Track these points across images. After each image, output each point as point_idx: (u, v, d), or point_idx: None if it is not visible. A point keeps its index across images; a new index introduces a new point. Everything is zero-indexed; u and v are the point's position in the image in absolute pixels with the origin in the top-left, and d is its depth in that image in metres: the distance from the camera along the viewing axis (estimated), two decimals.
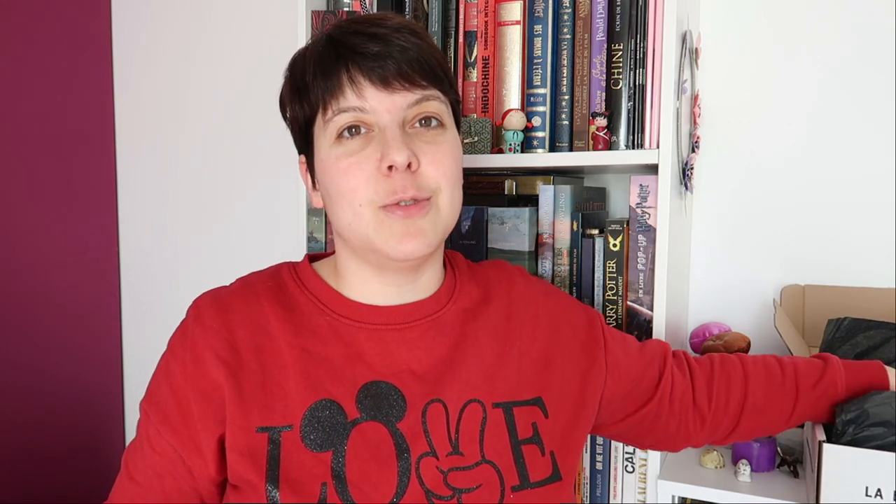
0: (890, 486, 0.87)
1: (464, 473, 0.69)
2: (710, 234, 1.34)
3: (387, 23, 0.69)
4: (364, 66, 0.67)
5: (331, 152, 0.70)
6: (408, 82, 0.68)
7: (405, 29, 0.69)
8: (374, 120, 0.68)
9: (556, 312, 0.84)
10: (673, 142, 1.05)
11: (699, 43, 1.27)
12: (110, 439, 1.90)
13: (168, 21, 1.79)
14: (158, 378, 0.75)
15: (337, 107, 0.68)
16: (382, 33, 0.68)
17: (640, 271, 1.09)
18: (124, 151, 1.87)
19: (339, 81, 0.68)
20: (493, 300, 0.81)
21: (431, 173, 0.69)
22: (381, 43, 0.67)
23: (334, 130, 0.69)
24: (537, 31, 1.13)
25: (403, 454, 0.69)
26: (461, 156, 0.75)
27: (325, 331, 0.74)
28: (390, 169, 0.67)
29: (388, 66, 0.67)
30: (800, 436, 1.12)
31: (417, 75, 0.68)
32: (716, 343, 1.21)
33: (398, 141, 0.67)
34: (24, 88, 1.67)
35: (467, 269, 0.85)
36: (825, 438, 0.91)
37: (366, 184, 0.68)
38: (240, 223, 1.74)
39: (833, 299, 1.24)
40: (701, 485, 1.03)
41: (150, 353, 1.88)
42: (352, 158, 0.68)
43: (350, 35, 0.69)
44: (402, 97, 0.68)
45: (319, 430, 0.69)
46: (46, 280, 1.73)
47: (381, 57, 0.67)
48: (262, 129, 1.68)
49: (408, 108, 0.69)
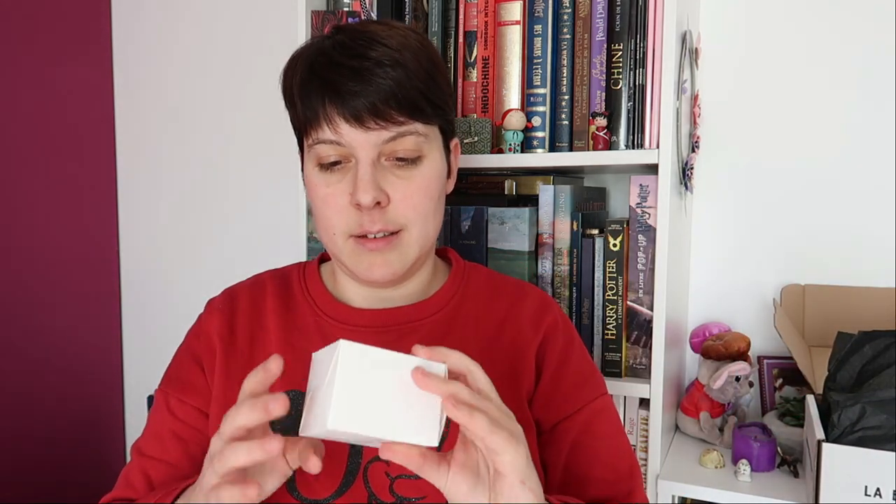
0: (890, 486, 0.87)
1: (410, 483, 0.70)
2: (710, 234, 1.34)
3: (370, 53, 0.68)
4: (339, 102, 0.68)
5: (313, 176, 0.74)
6: (383, 119, 0.68)
7: (387, 61, 0.68)
8: (351, 152, 0.70)
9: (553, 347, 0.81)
10: (673, 142, 1.05)
11: (699, 43, 1.27)
12: (110, 439, 1.90)
13: (168, 21, 1.79)
14: (178, 359, 0.81)
15: (316, 137, 0.71)
16: (363, 67, 0.68)
17: (640, 271, 1.09)
18: (124, 151, 1.87)
19: (317, 115, 0.70)
20: (488, 319, 0.80)
21: (401, 209, 0.72)
22: (358, 80, 0.68)
23: (315, 157, 0.72)
24: (537, 31, 1.13)
25: (355, 456, 0.71)
26: (440, 183, 0.76)
27: (312, 329, 0.78)
28: (359, 205, 0.70)
29: (362, 104, 0.68)
30: (800, 436, 1.12)
31: (393, 111, 0.69)
32: (716, 343, 1.21)
33: (365, 181, 0.69)
34: (25, 88, 1.67)
35: (486, 280, 0.85)
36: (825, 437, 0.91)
37: (339, 215, 0.72)
38: (240, 223, 1.74)
39: (833, 299, 1.24)
40: (701, 485, 1.03)
41: (150, 353, 1.90)
42: (329, 189, 0.72)
43: (330, 69, 0.69)
44: (376, 134, 0.69)
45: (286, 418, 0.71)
46: (46, 280, 1.74)
47: (357, 95, 0.68)
48: (262, 128, 1.68)
49: (383, 143, 0.70)
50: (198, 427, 0.76)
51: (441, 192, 0.77)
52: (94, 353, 1.85)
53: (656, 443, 1.06)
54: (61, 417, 1.77)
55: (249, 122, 1.70)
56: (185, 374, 0.79)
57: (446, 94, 0.77)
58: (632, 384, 1.09)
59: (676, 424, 1.24)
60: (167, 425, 0.77)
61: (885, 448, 0.88)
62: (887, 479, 0.87)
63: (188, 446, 0.76)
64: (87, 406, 1.84)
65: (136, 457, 0.77)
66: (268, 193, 1.69)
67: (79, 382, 1.81)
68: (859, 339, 1.00)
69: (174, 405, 0.77)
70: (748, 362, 1.19)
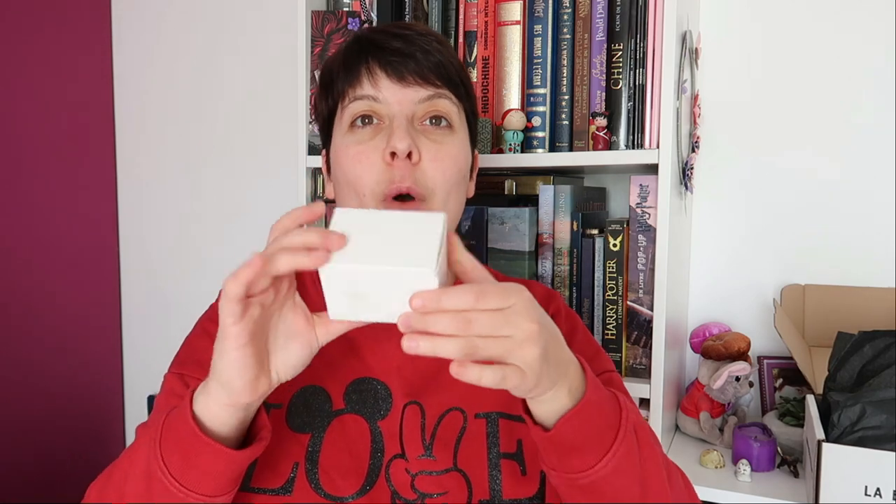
0: (889, 486, 0.87)
1: (432, 478, 0.70)
2: (710, 234, 1.34)
3: (414, 27, 0.74)
4: (382, 59, 0.71)
5: (343, 140, 0.73)
6: (422, 79, 0.71)
7: (431, 35, 0.74)
8: (386, 111, 0.71)
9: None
10: (673, 142, 1.06)
11: (699, 43, 1.27)
12: (110, 439, 1.90)
13: (168, 21, 1.79)
14: (191, 342, 0.77)
15: (353, 94, 0.72)
16: (407, 34, 0.72)
17: (640, 271, 1.09)
18: (124, 151, 1.87)
19: (358, 72, 0.72)
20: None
21: (430, 170, 0.71)
22: (403, 41, 0.71)
23: (349, 118, 0.73)
24: (537, 31, 1.13)
25: (377, 453, 0.71)
26: (466, 162, 0.76)
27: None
28: (393, 157, 0.70)
29: (406, 62, 0.70)
30: (800, 436, 1.12)
31: (433, 75, 0.71)
32: (716, 343, 1.21)
33: (402, 130, 0.69)
34: (25, 88, 1.67)
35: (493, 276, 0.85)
36: (825, 437, 0.91)
37: (370, 172, 0.71)
38: (240, 223, 1.74)
39: (833, 299, 1.24)
40: (701, 485, 1.03)
41: (150, 353, 1.90)
42: (360, 147, 0.71)
43: (376, 32, 0.74)
44: (414, 91, 0.71)
45: (304, 413, 0.72)
46: (46, 280, 1.74)
47: (401, 53, 0.71)
48: (263, 128, 1.68)
49: (419, 102, 0.71)
50: None
51: (465, 176, 0.77)
52: (94, 354, 1.85)
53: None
54: (61, 417, 1.77)
55: (249, 122, 1.70)
56: (202, 355, 0.74)
57: (473, 95, 0.80)
58: (632, 384, 1.09)
59: (676, 424, 1.24)
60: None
61: (885, 448, 0.88)
62: (887, 479, 0.87)
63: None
64: (87, 406, 1.83)
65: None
66: (268, 193, 1.69)
67: (79, 382, 1.81)
68: (859, 339, 1.00)
69: (191, 384, 0.73)
70: (748, 362, 1.19)
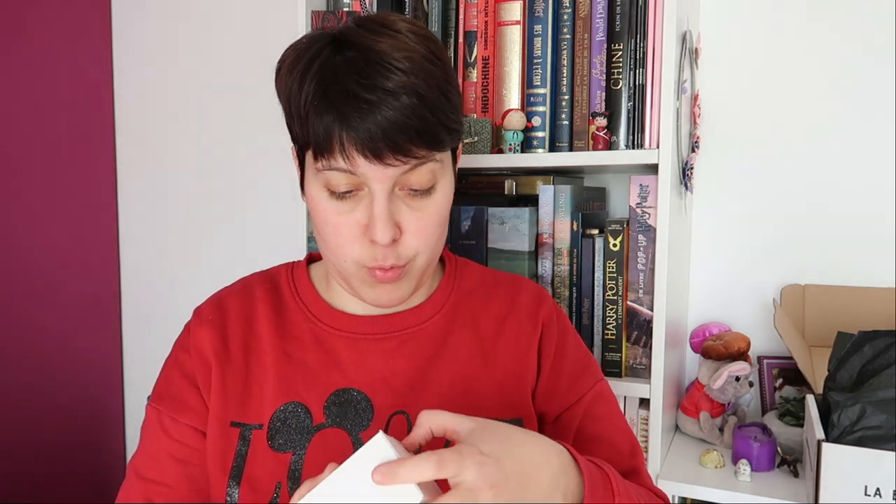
0: (890, 486, 0.87)
1: None
2: (710, 234, 1.34)
3: (386, 83, 0.63)
4: (356, 138, 0.64)
5: (320, 198, 0.69)
6: (403, 155, 0.65)
7: (404, 91, 0.64)
8: (365, 182, 0.67)
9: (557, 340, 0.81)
10: (673, 142, 1.05)
11: (699, 43, 1.27)
12: (110, 439, 1.90)
13: (168, 21, 1.79)
14: (167, 373, 0.78)
15: (328, 164, 0.66)
16: (377, 100, 0.63)
17: (640, 271, 1.09)
18: (124, 151, 1.87)
19: (331, 144, 0.65)
20: (487, 315, 0.80)
21: (412, 243, 0.69)
22: (375, 113, 0.63)
23: (324, 182, 0.68)
24: (537, 31, 1.13)
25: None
26: (448, 204, 0.74)
27: (308, 337, 0.77)
28: (374, 241, 0.68)
29: (382, 140, 0.63)
30: (800, 436, 1.12)
31: (413, 146, 0.65)
32: (716, 343, 1.21)
33: (383, 219, 0.66)
34: (24, 88, 1.67)
35: (480, 277, 0.84)
36: (825, 437, 0.91)
37: (350, 244, 0.69)
38: (240, 223, 1.74)
39: (833, 299, 1.24)
40: (701, 485, 1.03)
41: (150, 353, 1.90)
42: (340, 218, 0.68)
43: (345, 99, 0.64)
44: (394, 169, 0.66)
45: (284, 432, 0.72)
46: (46, 280, 1.74)
47: (374, 132, 0.63)
48: (262, 128, 1.68)
49: (400, 175, 0.67)
50: (195, 446, 0.74)
51: (447, 216, 0.75)
52: (94, 354, 1.85)
53: (656, 443, 1.06)
54: (61, 418, 1.77)
55: (249, 122, 1.70)
56: (177, 391, 0.76)
57: (460, 112, 0.73)
58: (632, 384, 1.09)
59: (676, 424, 1.24)
60: (163, 446, 0.75)
61: (885, 448, 0.88)
62: (887, 479, 0.87)
63: (186, 467, 0.74)
64: (87, 406, 1.83)
65: (135, 478, 0.75)
66: (268, 193, 1.69)
67: (79, 383, 1.81)
68: (859, 339, 1.00)
69: (168, 424, 0.75)
70: (748, 362, 1.19)
